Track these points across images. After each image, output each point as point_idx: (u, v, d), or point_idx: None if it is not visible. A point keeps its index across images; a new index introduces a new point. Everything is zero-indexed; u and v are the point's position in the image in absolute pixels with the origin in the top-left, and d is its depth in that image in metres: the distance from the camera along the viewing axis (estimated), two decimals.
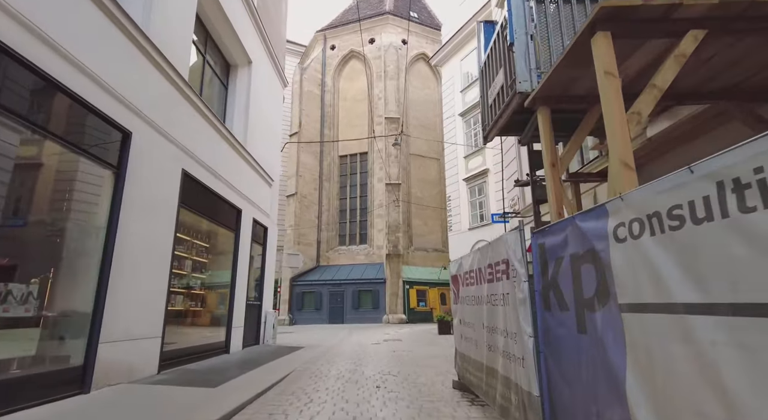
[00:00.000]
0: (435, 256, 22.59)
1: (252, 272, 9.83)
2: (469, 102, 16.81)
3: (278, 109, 12.32)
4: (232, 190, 8.28)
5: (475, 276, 4.36)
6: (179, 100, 6.13)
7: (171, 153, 5.85)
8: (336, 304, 20.61)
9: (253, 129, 9.69)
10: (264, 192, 10.58)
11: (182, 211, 6.30)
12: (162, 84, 5.65)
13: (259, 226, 10.19)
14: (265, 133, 10.82)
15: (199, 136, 6.86)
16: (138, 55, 5.11)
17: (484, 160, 15.78)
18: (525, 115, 4.40)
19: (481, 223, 15.66)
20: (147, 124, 5.24)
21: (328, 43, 25.79)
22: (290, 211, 22.60)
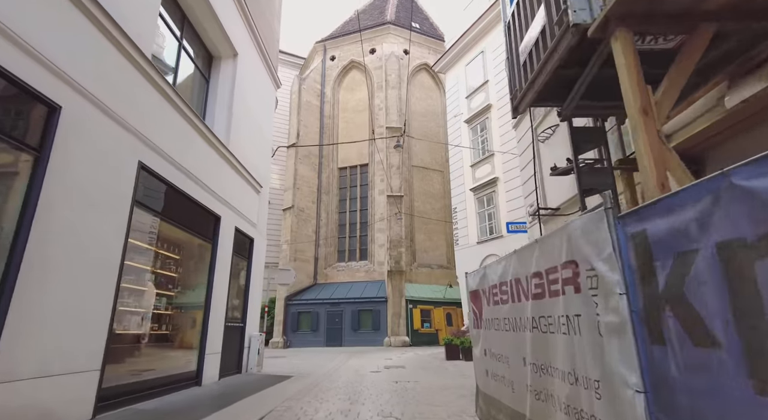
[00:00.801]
0: (440, 273, 21.28)
1: (234, 289, 8.64)
2: (475, 108, 15.86)
3: (269, 111, 11.35)
4: (209, 194, 7.17)
5: (511, 290, 3.18)
6: (138, 80, 5.08)
7: (123, 140, 4.76)
8: (334, 325, 19.20)
9: (237, 128, 8.66)
10: (250, 199, 9.48)
11: (138, 212, 5.17)
12: (112, 56, 4.61)
13: (244, 236, 9.04)
14: (254, 135, 9.81)
15: (167, 127, 5.80)
16: (79, 17, 4.10)
17: (493, 168, 14.70)
18: (573, 70, 3.30)
19: (491, 236, 14.46)
20: (86, 100, 4.16)
21: (328, 53, 25.18)
22: (286, 225, 21.45)
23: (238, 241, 8.77)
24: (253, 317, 9.50)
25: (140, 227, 5.37)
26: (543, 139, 7.99)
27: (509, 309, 3.22)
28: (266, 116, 11.16)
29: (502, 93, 14.50)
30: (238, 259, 8.87)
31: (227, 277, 7.98)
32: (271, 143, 11.53)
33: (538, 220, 6.55)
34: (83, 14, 4.15)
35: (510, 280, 3.20)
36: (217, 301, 7.47)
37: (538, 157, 8.21)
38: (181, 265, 6.68)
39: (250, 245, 9.49)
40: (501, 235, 13.91)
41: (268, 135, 11.32)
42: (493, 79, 15.16)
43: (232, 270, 8.23)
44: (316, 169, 23.19)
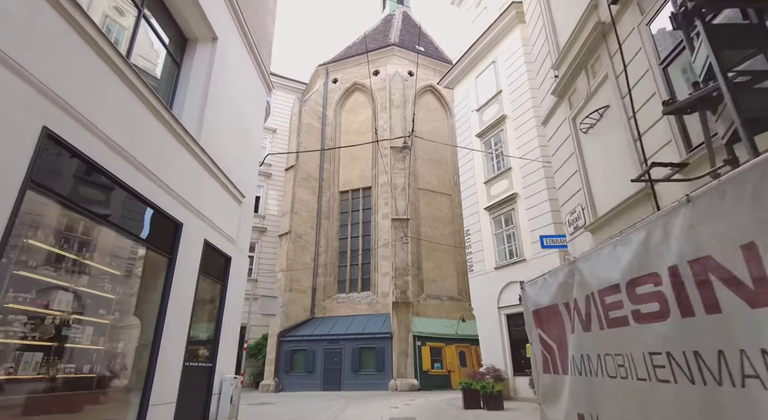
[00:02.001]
0: (450, 305, 19.22)
1: (201, 320, 6.88)
2: (488, 121, 14.53)
3: (257, 115, 9.98)
4: (168, 195, 5.58)
5: (675, 289, 1.50)
6: (55, 21, 3.62)
7: (13, 90, 3.23)
8: (332, 365, 16.98)
9: (214, 124, 7.20)
10: (228, 210, 7.90)
11: (40, 201, 3.56)
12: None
13: (218, 254, 7.36)
14: (237, 137, 8.38)
15: (102, 96, 4.30)
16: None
17: (511, 183, 13.13)
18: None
19: (511, 261, 12.65)
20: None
21: (331, 76, 24.43)
22: (282, 252, 19.71)
23: (210, 258, 7.08)
24: (227, 356, 7.63)
25: (41, 221, 3.73)
26: (585, 128, 6.44)
27: (664, 330, 1.53)
28: (254, 120, 9.79)
29: (519, 102, 13.20)
30: (209, 281, 7.16)
31: (189, 302, 6.23)
32: (260, 151, 10.07)
33: (651, 187, 4.73)
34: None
35: (672, 267, 1.51)
36: (173, 334, 5.69)
37: (579, 151, 6.64)
38: (121, 283, 4.99)
39: (226, 265, 7.78)
40: (523, 259, 12.11)
41: (257, 141, 9.89)
42: (507, 88, 13.91)
43: (198, 294, 6.49)
44: (315, 192, 21.74)
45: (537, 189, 11.86)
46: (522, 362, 12.12)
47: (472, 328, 18.17)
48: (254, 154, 9.70)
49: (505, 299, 12.67)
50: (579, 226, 6.73)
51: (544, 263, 10.98)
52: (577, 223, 6.77)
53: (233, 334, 8.02)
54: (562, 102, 7.26)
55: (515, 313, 12.35)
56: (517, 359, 12.21)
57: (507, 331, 12.54)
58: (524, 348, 12.25)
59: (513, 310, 12.39)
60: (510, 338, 12.46)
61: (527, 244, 12.05)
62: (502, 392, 10.21)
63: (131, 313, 5.24)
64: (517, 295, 11.43)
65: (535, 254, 11.66)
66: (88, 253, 4.36)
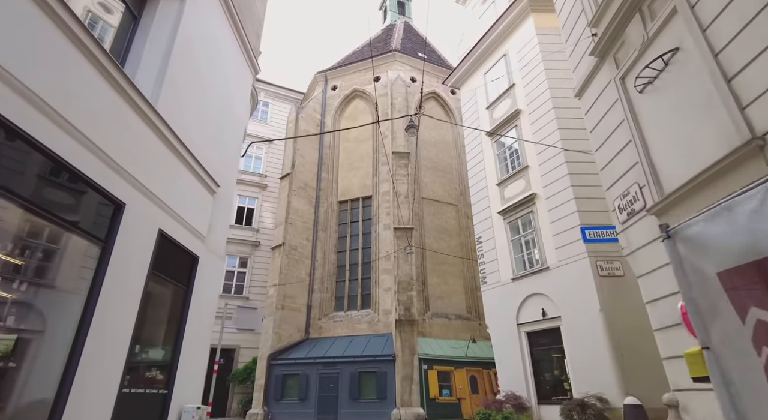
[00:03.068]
0: (459, 324, 17.48)
1: (152, 333, 5.38)
2: (499, 117, 13.28)
3: (240, 96, 8.72)
4: (102, 162, 4.20)
5: None
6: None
7: None
8: (328, 393, 15.14)
9: (178, 93, 5.91)
10: (196, 198, 6.50)
11: None
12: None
13: (179, 250, 5.90)
14: (210, 115, 7.08)
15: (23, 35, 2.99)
16: None
17: (528, 183, 11.73)
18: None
19: (532, 270, 11.10)
20: None
21: (330, 83, 23.47)
22: (275, 266, 18.13)
23: (168, 255, 5.62)
24: (189, 380, 6.04)
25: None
26: (642, 85, 5.08)
27: None
28: (237, 103, 8.53)
29: (535, 94, 11.98)
30: (165, 283, 5.67)
31: (132, 309, 4.74)
32: (241, 139, 8.73)
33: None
34: None
35: None
36: (101, 349, 4.18)
37: (633, 117, 5.25)
38: (28, 276, 3.56)
39: (193, 266, 6.29)
40: (545, 267, 10.57)
41: (239, 128, 8.55)
42: (520, 81, 12.73)
43: (145, 299, 5.00)
44: (312, 202, 20.34)
45: (560, 186, 10.46)
46: (548, 388, 10.40)
47: (484, 350, 16.39)
48: (235, 142, 8.35)
49: (525, 315, 11.05)
50: (635, 211, 5.28)
51: (573, 271, 9.47)
52: (633, 207, 5.32)
53: (200, 353, 6.45)
54: (604, 62, 5.95)
55: (538, 331, 10.72)
56: (541, 384, 10.50)
57: (528, 351, 10.86)
58: (549, 371, 10.56)
59: (535, 326, 10.76)
60: (532, 360, 10.78)
61: (550, 249, 10.54)
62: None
63: (38, 319, 3.75)
64: (539, 309, 9.83)
65: (561, 261, 10.14)
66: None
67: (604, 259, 9.39)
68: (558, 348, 10.12)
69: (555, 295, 10.18)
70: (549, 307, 10.32)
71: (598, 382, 8.59)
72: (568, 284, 9.79)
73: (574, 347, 9.51)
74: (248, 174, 23.51)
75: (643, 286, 5.17)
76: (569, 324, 9.72)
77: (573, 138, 10.68)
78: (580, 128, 10.83)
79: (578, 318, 9.44)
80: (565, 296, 9.89)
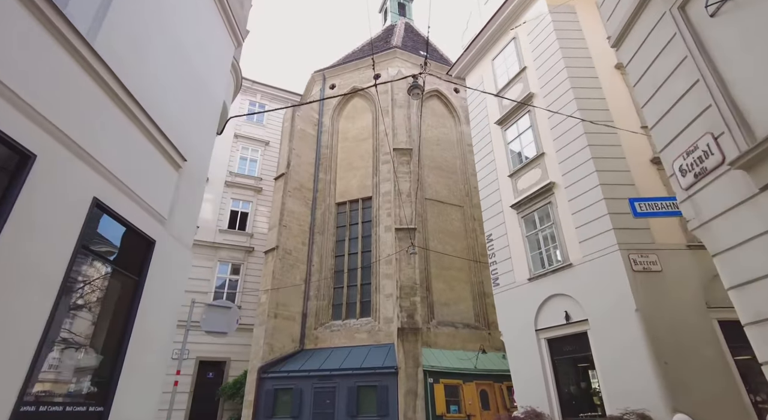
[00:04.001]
0: (467, 334, 16.10)
1: (80, 331, 4.17)
2: (509, 104, 12.19)
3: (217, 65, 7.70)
4: (9, 104, 3.08)
5: None
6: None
7: None
8: (323, 409, 13.70)
9: (128, 34, 4.83)
10: (154, 171, 5.38)
11: None
12: None
13: (126, 229, 4.72)
14: (175, 75, 6.01)
15: None
16: None
17: (545, 171, 10.57)
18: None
19: (551, 268, 9.85)
20: None
21: (328, 82, 22.56)
22: (268, 271, 16.87)
23: (108, 232, 4.46)
24: (136, 395, 4.79)
25: None
26: (715, 5, 3.96)
27: None
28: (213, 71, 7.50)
29: (549, 75, 10.91)
30: (105, 270, 4.49)
31: (48, 296, 3.54)
32: (218, 112, 7.61)
33: None
34: None
35: None
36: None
37: (701, 50, 4.10)
38: None
39: (147, 252, 5.09)
40: (568, 264, 9.32)
41: (214, 101, 7.44)
42: (532, 64, 11.69)
43: (70, 286, 3.83)
44: (308, 204, 19.17)
45: (583, 172, 9.28)
46: (574, 403, 9.04)
47: (495, 362, 15.02)
48: (209, 116, 7.24)
49: (545, 319, 9.76)
50: (707, 169, 4.08)
51: (601, 267, 8.24)
52: (703, 165, 4.13)
53: (154, 361, 5.19)
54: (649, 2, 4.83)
55: (560, 337, 9.41)
56: (566, 399, 9.13)
57: (550, 360, 9.53)
58: (575, 383, 9.22)
59: (557, 332, 9.45)
60: (554, 370, 9.43)
61: (572, 244, 9.31)
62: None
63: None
64: (562, 312, 8.55)
65: (586, 256, 8.89)
66: None
67: (638, 252, 8.16)
68: (585, 356, 8.80)
69: (580, 296, 8.91)
70: (573, 310, 9.03)
71: (637, 396, 7.26)
72: (596, 282, 8.53)
73: (605, 355, 8.19)
74: (242, 177, 22.46)
75: (723, 266, 3.95)
76: (598, 328, 8.42)
77: (595, 119, 9.56)
78: (602, 109, 9.74)
79: (609, 321, 8.16)
80: (592, 296, 8.63)
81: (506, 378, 14.12)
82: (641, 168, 9.08)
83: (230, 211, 21.47)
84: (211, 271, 19.65)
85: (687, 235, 8.32)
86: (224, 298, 19.38)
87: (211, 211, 20.91)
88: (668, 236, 8.37)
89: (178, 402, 17.74)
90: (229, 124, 23.64)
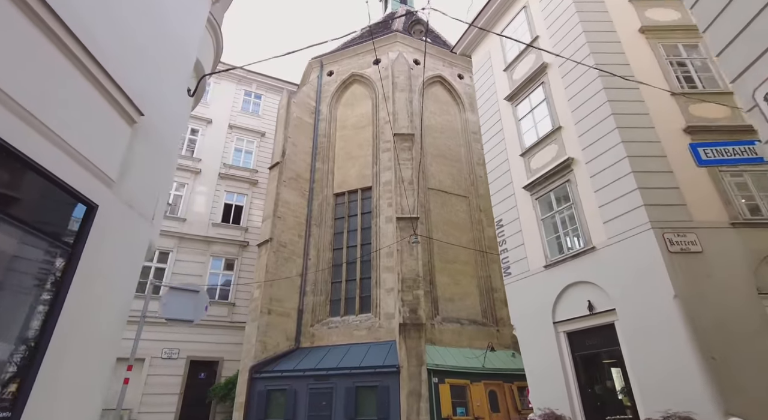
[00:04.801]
0: (474, 331, 15.05)
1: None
2: (521, 78, 11.17)
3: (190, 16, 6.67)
4: None
5: None
6: None
7: None
8: (319, 411, 12.66)
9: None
10: (100, 122, 4.32)
11: None
12: None
13: (52, 185, 3.69)
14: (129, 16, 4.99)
15: None
16: None
17: (562, 146, 9.52)
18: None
19: (571, 253, 8.80)
20: None
21: (325, 69, 21.60)
22: (261, 265, 15.87)
23: (26, 187, 3.46)
24: (61, 399, 3.75)
25: None
26: None
27: None
28: (186, 22, 6.48)
29: (566, 42, 9.87)
30: (18, 233, 3.46)
31: None
32: (190, 69, 6.61)
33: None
34: None
35: None
36: None
37: None
38: None
39: (87, 219, 4.06)
40: (591, 247, 8.26)
41: (185, 54, 6.43)
42: (545, 32, 10.68)
43: None
44: (305, 195, 18.17)
45: (607, 144, 8.24)
46: (599, 405, 7.97)
47: (505, 360, 13.96)
48: (177, 70, 6.19)
49: (564, 310, 8.70)
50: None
51: (630, 249, 7.20)
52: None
53: (91, 358, 4.15)
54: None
55: (582, 330, 8.35)
56: (589, 400, 8.06)
57: (570, 356, 8.46)
58: (600, 382, 8.17)
59: (578, 324, 8.39)
60: (575, 367, 8.37)
61: (595, 225, 8.27)
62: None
63: None
64: (584, 302, 7.46)
65: (611, 238, 7.83)
66: None
67: (673, 231, 7.11)
68: (611, 351, 7.75)
69: (605, 282, 7.86)
70: (598, 299, 7.98)
71: (679, 397, 6.20)
72: (625, 267, 7.48)
73: (637, 349, 7.13)
74: (237, 169, 21.52)
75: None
76: (628, 318, 7.37)
77: (618, 86, 8.53)
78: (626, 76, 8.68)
79: (642, 310, 7.10)
80: (620, 283, 7.57)
81: (517, 378, 13.08)
82: (673, 137, 8.03)
83: (224, 204, 20.53)
84: (204, 267, 18.69)
85: (730, 210, 7.27)
86: (217, 295, 18.47)
87: (204, 204, 19.97)
88: (708, 213, 7.32)
89: (167, 404, 16.83)
90: (223, 115, 22.67)
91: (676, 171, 7.70)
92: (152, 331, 16.15)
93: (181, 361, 16.74)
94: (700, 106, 8.25)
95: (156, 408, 15.77)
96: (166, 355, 16.72)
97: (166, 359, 16.70)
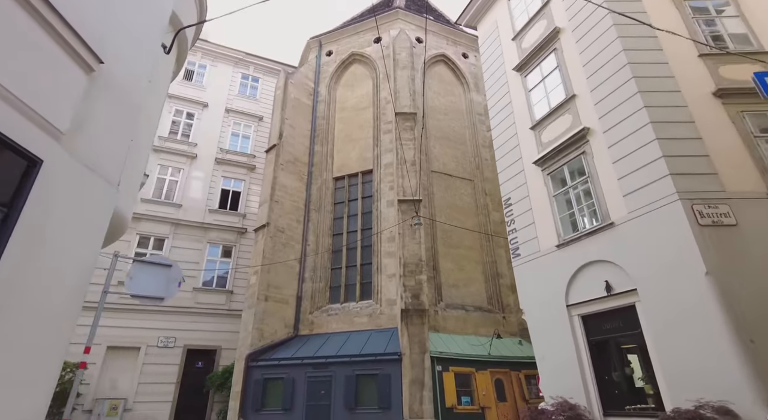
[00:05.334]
0: (479, 317, 14.45)
1: None
2: (531, 46, 10.40)
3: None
4: None
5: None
6: None
7: None
8: (318, 401, 12.15)
9: None
10: (48, 66, 3.64)
11: None
12: None
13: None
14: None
15: None
16: None
17: (576, 116, 8.79)
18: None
19: (586, 230, 8.11)
20: None
21: (324, 49, 20.79)
22: (258, 250, 15.30)
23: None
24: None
25: None
26: None
27: None
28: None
29: (580, 4, 9.07)
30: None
31: None
32: (164, 22, 5.92)
33: None
34: None
35: None
36: None
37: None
38: None
39: (26, 174, 3.41)
40: (609, 223, 7.57)
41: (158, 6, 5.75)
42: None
43: None
44: (303, 179, 17.51)
45: (628, 110, 7.50)
46: (617, 393, 7.34)
47: (511, 348, 13.38)
48: (147, 18, 5.50)
49: (578, 292, 8.05)
50: None
51: (654, 223, 6.53)
52: None
53: (29, 342, 3.54)
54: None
55: (599, 313, 7.69)
56: (607, 388, 7.44)
57: (585, 341, 7.83)
58: (618, 369, 7.54)
59: (595, 307, 7.74)
60: (591, 353, 7.74)
61: (614, 198, 7.57)
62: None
63: None
64: (601, 282, 6.58)
65: (632, 212, 7.14)
66: None
67: (704, 202, 6.41)
68: (632, 335, 7.10)
69: (625, 261, 7.18)
70: (617, 278, 7.31)
71: (712, 385, 5.57)
72: (647, 243, 6.80)
73: (663, 332, 6.48)
74: (234, 153, 20.85)
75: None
76: (652, 299, 6.70)
77: (640, 48, 7.77)
78: (648, 35, 7.91)
79: (668, 290, 6.44)
80: (642, 260, 6.90)
81: (524, 365, 12.51)
82: (701, 102, 7.29)
83: (221, 189, 19.90)
84: (200, 254, 18.13)
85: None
86: (214, 282, 17.96)
87: (200, 190, 19.36)
88: (742, 182, 6.61)
89: (163, 393, 16.39)
90: (220, 98, 21.95)
91: (706, 137, 6.97)
92: (148, 319, 15.70)
93: (178, 349, 16.28)
94: (731, 67, 7.49)
95: (152, 397, 15.33)
96: (163, 343, 16.23)
97: (162, 348, 16.21)
